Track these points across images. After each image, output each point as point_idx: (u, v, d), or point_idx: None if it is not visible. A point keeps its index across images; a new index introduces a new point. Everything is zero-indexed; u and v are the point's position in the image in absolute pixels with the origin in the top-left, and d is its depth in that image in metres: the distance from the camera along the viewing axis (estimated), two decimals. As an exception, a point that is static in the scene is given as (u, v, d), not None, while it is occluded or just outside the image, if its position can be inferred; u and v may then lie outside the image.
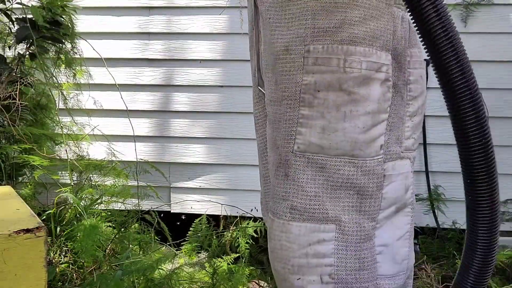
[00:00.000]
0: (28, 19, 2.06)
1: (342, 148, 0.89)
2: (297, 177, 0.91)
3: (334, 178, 0.90)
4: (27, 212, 1.01)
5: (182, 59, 2.53)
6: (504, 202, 2.31)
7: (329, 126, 0.89)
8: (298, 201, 0.91)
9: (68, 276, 1.95)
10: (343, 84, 0.87)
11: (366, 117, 0.89)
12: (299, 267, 0.91)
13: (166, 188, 2.58)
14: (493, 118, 2.30)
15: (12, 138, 2.11)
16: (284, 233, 0.92)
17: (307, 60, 0.89)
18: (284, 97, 0.92)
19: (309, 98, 0.89)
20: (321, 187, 0.90)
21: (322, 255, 0.90)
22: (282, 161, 0.93)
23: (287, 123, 0.92)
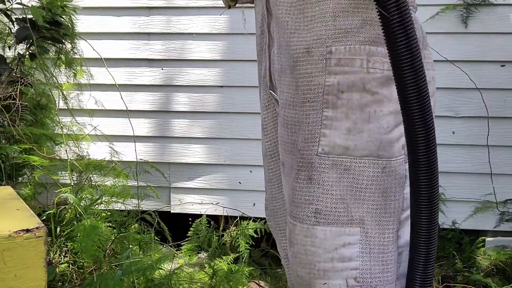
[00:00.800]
0: (28, 19, 2.06)
1: (368, 149, 0.89)
2: (322, 180, 0.90)
3: (359, 180, 0.89)
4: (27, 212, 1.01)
5: (182, 59, 2.53)
6: (504, 202, 2.32)
7: (354, 127, 0.88)
8: (323, 205, 0.90)
9: (68, 276, 1.95)
10: (367, 84, 0.87)
11: (389, 117, 0.89)
12: (324, 272, 0.90)
13: (166, 188, 2.58)
14: (493, 118, 2.30)
15: (12, 138, 2.11)
16: (309, 238, 0.91)
17: (329, 61, 0.89)
18: (306, 100, 0.91)
19: (333, 99, 0.89)
20: (346, 189, 0.89)
21: (347, 258, 0.89)
22: (305, 164, 0.92)
23: (310, 126, 0.91)
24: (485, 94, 2.30)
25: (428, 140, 0.80)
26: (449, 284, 2.11)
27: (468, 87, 2.31)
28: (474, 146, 2.36)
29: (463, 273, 2.15)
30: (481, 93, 2.30)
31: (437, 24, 2.31)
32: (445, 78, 2.36)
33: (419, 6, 1.08)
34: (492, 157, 2.31)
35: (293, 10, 0.92)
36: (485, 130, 2.32)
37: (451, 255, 2.23)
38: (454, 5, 2.31)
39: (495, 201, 2.31)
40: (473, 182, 2.38)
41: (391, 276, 0.92)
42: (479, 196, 2.35)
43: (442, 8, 2.30)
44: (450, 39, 2.33)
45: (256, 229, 2.35)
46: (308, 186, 0.91)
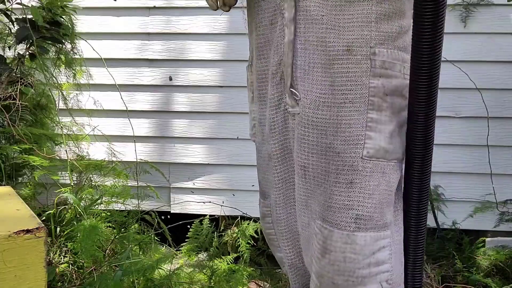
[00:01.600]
0: (28, 19, 2.06)
1: (398, 153, 0.91)
2: (365, 184, 0.88)
3: (390, 183, 0.90)
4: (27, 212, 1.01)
5: (182, 59, 2.53)
6: (504, 202, 2.32)
7: (394, 130, 0.90)
8: (364, 210, 0.89)
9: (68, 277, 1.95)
10: (403, 89, 0.90)
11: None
12: (362, 278, 0.90)
13: (166, 189, 2.58)
14: (493, 118, 2.30)
15: (12, 138, 2.11)
16: (348, 245, 0.89)
17: (374, 63, 0.88)
18: (347, 100, 0.89)
19: (379, 101, 0.88)
20: (382, 193, 0.89)
21: (381, 262, 0.90)
22: (346, 167, 0.89)
23: (352, 127, 0.89)
24: (485, 94, 2.30)
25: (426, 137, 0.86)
26: (449, 284, 2.11)
27: (468, 87, 2.31)
28: (474, 146, 2.36)
29: (463, 273, 2.15)
30: (481, 93, 2.30)
31: (437, 24, 2.31)
32: (445, 78, 2.35)
33: (419, 6, 1.07)
34: (492, 157, 2.31)
35: (331, 6, 0.89)
36: (485, 130, 2.32)
37: (451, 255, 2.23)
38: (453, 5, 2.31)
39: (495, 201, 2.31)
40: (473, 182, 2.38)
41: (403, 274, 0.95)
42: (479, 196, 2.35)
43: (442, 8, 2.30)
44: (449, 39, 2.33)
45: (257, 229, 2.35)
46: (348, 191, 0.89)
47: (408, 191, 0.91)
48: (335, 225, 0.90)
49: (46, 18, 2.13)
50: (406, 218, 0.93)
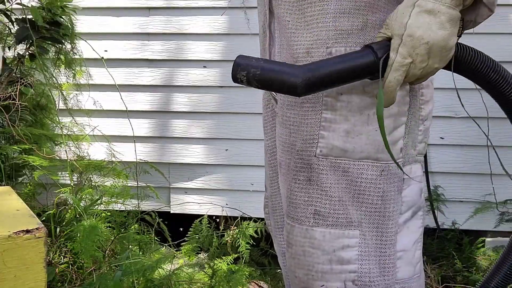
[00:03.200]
0: (28, 19, 2.06)
1: (366, 151, 0.88)
2: (321, 181, 0.89)
3: (357, 182, 0.88)
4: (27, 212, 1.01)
5: (182, 59, 2.53)
6: (504, 203, 2.32)
7: (353, 129, 0.87)
8: (322, 206, 0.89)
9: (68, 277, 1.95)
10: (366, 87, 0.86)
11: (388, 120, 0.88)
12: (323, 274, 0.89)
13: (166, 189, 2.57)
14: (493, 118, 2.30)
15: (12, 138, 2.11)
16: (307, 239, 0.90)
17: None
18: (306, 100, 0.90)
19: (332, 101, 0.88)
20: (345, 191, 0.88)
21: (346, 261, 0.89)
22: (304, 165, 0.91)
23: (308, 127, 0.90)
24: (485, 94, 2.29)
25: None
26: (449, 284, 2.11)
27: (468, 87, 2.31)
28: (474, 147, 2.36)
29: (463, 273, 2.15)
30: (481, 94, 2.30)
31: (437, 24, 2.31)
32: (445, 78, 2.36)
33: (419, 6, 1.07)
34: (492, 158, 2.31)
35: (294, 10, 0.91)
36: (485, 130, 2.31)
37: (451, 255, 2.23)
38: (454, 5, 2.31)
39: (495, 201, 2.31)
40: (473, 182, 2.38)
41: (389, 280, 0.91)
42: (479, 197, 2.35)
43: (442, 8, 2.30)
44: (450, 39, 2.33)
45: (257, 229, 2.35)
46: (307, 187, 0.90)
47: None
48: (296, 220, 0.92)
49: (46, 18, 2.13)
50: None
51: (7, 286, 0.88)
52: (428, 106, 0.98)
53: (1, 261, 0.87)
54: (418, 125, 0.96)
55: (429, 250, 2.31)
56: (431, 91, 1.00)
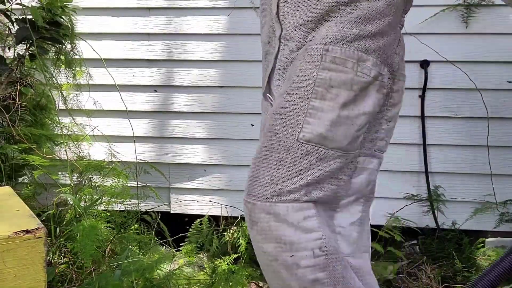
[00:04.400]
0: (28, 19, 2.06)
1: (341, 142, 0.96)
2: (295, 164, 0.94)
3: (327, 169, 0.96)
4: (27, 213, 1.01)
5: (182, 59, 2.53)
6: (504, 203, 2.31)
7: (337, 120, 0.95)
8: (288, 186, 0.94)
9: (68, 277, 1.95)
10: (354, 85, 0.96)
11: (363, 118, 0.98)
12: (291, 244, 0.94)
13: (166, 189, 2.57)
14: (493, 118, 2.30)
15: (12, 138, 2.11)
16: (271, 215, 0.94)
17: (325, 58, 0.96)
18: (298, 89, 0.97)
19: (323, 91, 0.95)
20: (315, 175, 0.95)
21: (310, 230, 0.94)
22: (280, 147, 0.96)
23: (295, 112, 0.96)
24: (485, 95, 2.30)
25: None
26: (449, 285, 2.11)
27: (468, 87, 2.31)
28: (473, 147, 2.36)
29: (463, 274, 2.15)
30: (481, 94, 2.30)
31: (437, 24, 2.31)
32: (445, 78, 2.36)
33: (420, 6, 1.09)
34: (492, 158, 2.31)
35: (302, 26, 1.01)
36: (485, 130, 2.32)
37: (451, 255, 2.23)
38: (454, 5, 2.31)
39: (495, 201, 2.31)
40: (473, 182, 2.38)
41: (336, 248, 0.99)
42: (478, 197, 2.35)
43: (443, 8, 2.30)
44: (450, 39, 2.33)
45: (256, 229, 2.35)
46: (277, 168, 0.95)
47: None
48: (258, 198, 0.96)
49: (46, 19, 2.13)
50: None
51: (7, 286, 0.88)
52: (395, 108, 1.08)
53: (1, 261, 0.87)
54: (381, 124, 1.06)
55: (429, 250, 2.31)
56: (400, 96, 1.10)
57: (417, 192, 2.40)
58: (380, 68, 0.99)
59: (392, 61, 1.02)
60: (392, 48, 1.02)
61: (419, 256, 2.32)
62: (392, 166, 2.38)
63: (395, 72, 1.05)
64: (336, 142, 0.96)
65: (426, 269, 2.17)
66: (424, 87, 2.35)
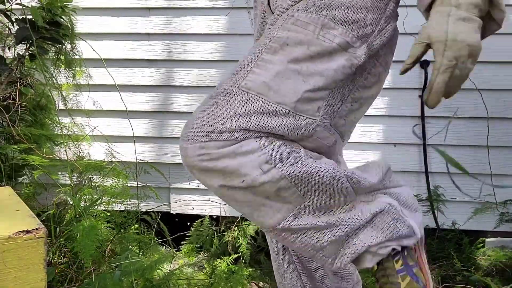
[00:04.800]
0: (28, 19, 2.06)
1: (287, 97, 0.91)
2: (229, 106, 0.91)
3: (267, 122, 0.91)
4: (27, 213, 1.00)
5: (182, 59, 2.53)
6: (504, 203, 2.31)
7: (284, 72, 0.92)
8: (218, 126, 0.90)
9: (67, 277, 1.95)
10: (311, 46, 0.93)
11: (319, 78, 0.94)
12: (235, 172, 0.90)
13: (166, 189, 2.57)
14: (493, 118, 2.30)
15: (12, 139, 2.11)
16: (204, 149, 0.90)
17: (287, 21, 0.96)
18: (254, 48, 0.97)
19: (276, 47, 0.94)
20: (253, 125, 0.90)
21: (250, 151, 0.90)
22: (220, 93, 0.93)
23: (244, 64, 0.95)
24: (486, 95, 2.30)
25: None
26: (449, 285, 2.11)
27: (468, 87, 2.31)
28: (473, 147, 2.36)
29: (463, 274, 2.15)
30: (481, 94, 2.30)
31: (436, 24, 2.31)
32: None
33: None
34: (492, 158, 2.31)
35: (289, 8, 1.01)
36: (485, 130, 2.32)
37: (451, 255, 2.23)
38: (453, 5, 2.31)
39: (495, 201, 2.31)
40: (473, 182, 2.38)
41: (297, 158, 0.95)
42: (478, 197, 2.35)
43: (442, 8, 2.30)
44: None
45: (257, 229, 2.35)
46: (212, 110, 0.92)
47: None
48: (189, 140, 0.91)
49: (46, 19, 2.13)
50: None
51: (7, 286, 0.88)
52: (366, 92, 1.04)
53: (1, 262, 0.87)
54: (346, 101, 1.01)
55: (429, 250, 2.31)
56: (377, 81, 1.06)
57: (417, 192, 2.40)
58: (352, 40, 0.95)
59: (373, 41, 0.98)
60: (373, 28, 0.98)
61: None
62: (392, 166, 2.38)
63: (376, 55, 1.01)
64: (281, 96, 0.91)
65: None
66: (424, 87, 2.35)
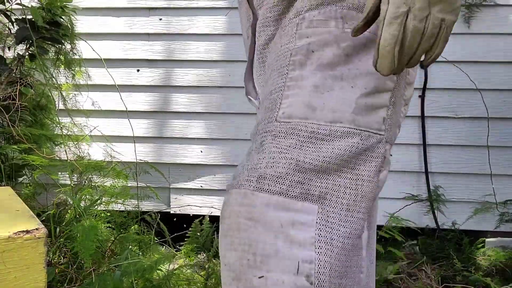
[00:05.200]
0: (28, 19, 2.06)
1: (340, 111, 0.70)
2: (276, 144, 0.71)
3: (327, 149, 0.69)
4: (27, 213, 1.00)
5: (182, 59, 2.53)
6: (504, 203, 2.31)
7: (323, 83, 0.72)
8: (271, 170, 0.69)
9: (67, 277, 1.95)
10: (341, 42, 0.73)
11: (369, 78, 0.73)
12: (264, 258, 0.65)
13: (166, 189, 2.57)
14: (493, 118, 2.30)
15: (11, 139, 2.11)
16: (244, 207, 0.68)
17: (300, 26, 0.76)
18: (275, 69, 0.78)
19: (301, 59, 0.74)
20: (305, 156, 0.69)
21: (297, 243, 0.65)
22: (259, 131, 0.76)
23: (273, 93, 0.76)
24: (486, 95, 2.30)
25: None
26: (449, 285, 2.10)
27: (469, 87, 2.31)
28: (474, 147, 2.36)
29: (463, 274, 2.15)
30: (481, 94, 2.30)
31: (437, 24, 2.31)
32: (445, 79, 2.36)
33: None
34: (492, 158, 2.31)
35: (276, 6, 0.83)
36: (485, 130, 2.31)
37: (451, 255, 2.23)
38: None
39: (495, 202, 2.31)
40: (473, 182, 2.38)
41: (352, 284, 0.69)
42: (479, 197, 2.35)
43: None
44: (450, 39, 2.33)
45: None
46: (258, 152, 0.74)
47: None
48: (234, 185, 0.73)
49: (46, 19, 2.13)
50: None
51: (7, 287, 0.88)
52: (411, 89, 0.86)
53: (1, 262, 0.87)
54: (401, 105, 0.82)
55: (429, 250, 2.31)
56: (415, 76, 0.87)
57: (417, 192, 2.40)
58: None
59: None
60: None
61: (419, 256, 2.32)
62: (392, 166, 2.37)
63: None
64: (332, 112, 0.70)
65: (426, 269, 2.17)
66: (424, 87, 2.34)
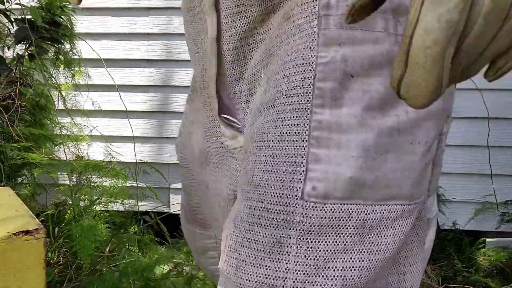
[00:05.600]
0: (27, 19, 2.06)
1: (397, 185, 0.47)
2: (311, 250, 0.46)
3: (379, 248, 0.47)
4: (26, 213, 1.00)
5: (182, 59, 2.52)
6: (504, 203, 2.31)
7: (377, 141, 0.46)
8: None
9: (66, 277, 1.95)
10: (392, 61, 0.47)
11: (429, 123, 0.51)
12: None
13: (165, 189, 2.57)
14: (493, 118, 2.30)
15: (11, 139, 2.11)
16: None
17: (326, 20, 0.47)
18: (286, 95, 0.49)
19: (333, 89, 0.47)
20: (356, 274, 0.46)
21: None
22: (272, 216, 0.47)
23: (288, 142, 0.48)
24: (486, 94, 2.29)
25: None
26: (449, 285, 2.10)
27: (469, 87, 2.31)
28: (474, 147, 2.36)
29: (463, 274, 2.15)
30: (482, 94, 2.29)
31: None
32: (445, 79, 2.35)
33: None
34: (492, 158, 2.31)
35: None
36: (485, 130, 2.31)
37: (451, 256, 2.23)
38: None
39: (496, 202, 2.31)
40: (473, 183, 2.38)
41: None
42: (479, 197, 2.35)
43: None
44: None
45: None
46: (272, 259, 0.47)
47: None
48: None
49: (45, 19, 2.12)
50: None
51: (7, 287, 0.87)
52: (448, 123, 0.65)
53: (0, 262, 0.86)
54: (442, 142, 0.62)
55: (429, 250, 2.30)
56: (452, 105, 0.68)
57: (417, 193, 2.40)
58: None
59: None
60: None
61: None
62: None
63: None
64: (388, 187, 0.47)
65: (426, 269, 2.17)
66: (424, 87, 2.34)
